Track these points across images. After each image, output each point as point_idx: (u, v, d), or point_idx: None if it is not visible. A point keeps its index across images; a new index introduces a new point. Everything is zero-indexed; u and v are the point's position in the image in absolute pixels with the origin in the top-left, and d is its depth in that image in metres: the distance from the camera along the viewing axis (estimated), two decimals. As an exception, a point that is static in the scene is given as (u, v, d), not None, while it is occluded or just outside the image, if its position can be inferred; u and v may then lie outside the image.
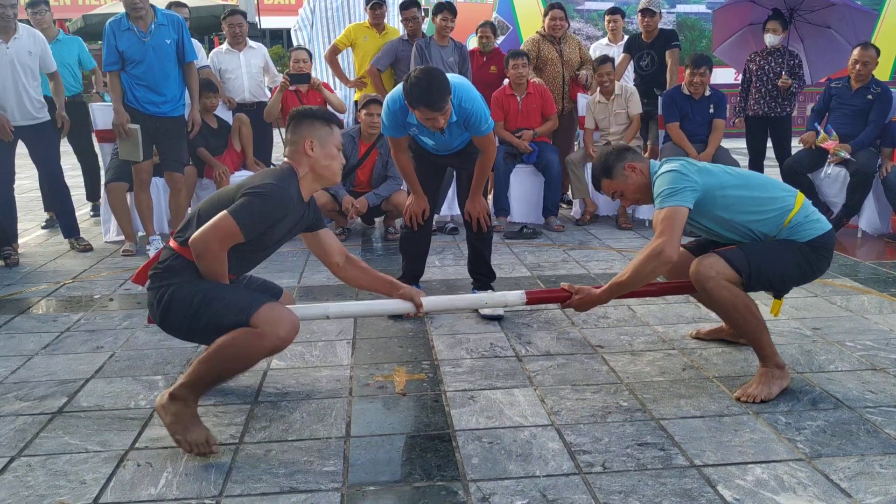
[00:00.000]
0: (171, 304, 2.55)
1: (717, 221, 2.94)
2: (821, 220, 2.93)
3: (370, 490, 2.25)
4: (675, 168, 2.90)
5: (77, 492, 2.27)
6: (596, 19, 14.80)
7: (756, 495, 2.17)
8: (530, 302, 3.14)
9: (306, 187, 2.73)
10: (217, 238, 2.50)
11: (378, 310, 3.19)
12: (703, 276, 2.82)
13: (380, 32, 6.68)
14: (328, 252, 2.94)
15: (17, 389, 3.07)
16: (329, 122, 2.73)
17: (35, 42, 5.44)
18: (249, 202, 2.50)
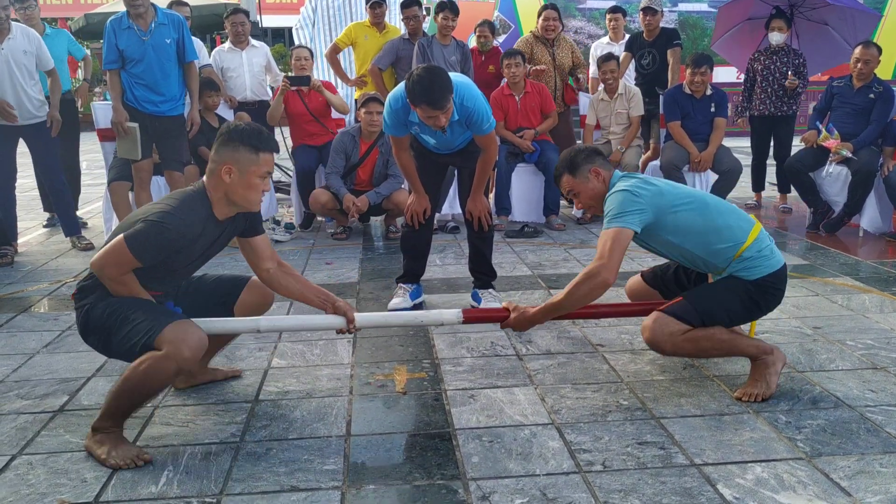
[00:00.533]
0: (87, 325, 2.57)
1: (666, 245, 2.91)
2: (772, 257, 2.87)
3: (370, 489, 2.25)
4: (627, 188, 2.85)
5: (78, 490, 2.28)
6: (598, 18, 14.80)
7: (756, 494, 2.17)
8: (467, 321, 2.99)
9: (220, 209, 2.62)
10: (111, 263, 2.47)
11: (309, 325, 3.07)
12: (659, 342, 2.80)
13: (380, 31, 6.68)
14: (260, 258, 2.82)
15: (19, 388, 3.08)
16: (257, 150, 2.55)
17: (30, 41, 5.44)
18: (143, 231, 2.44)
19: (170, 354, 2.38)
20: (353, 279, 4.71)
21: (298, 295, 2.89)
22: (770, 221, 6.44)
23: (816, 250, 5.31)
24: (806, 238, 5.73)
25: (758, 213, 6.78)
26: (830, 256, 5.10)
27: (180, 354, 2.39)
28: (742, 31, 7.25)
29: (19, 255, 5.52)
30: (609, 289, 2.81)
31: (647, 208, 2.81)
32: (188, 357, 2.42)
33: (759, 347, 2.86)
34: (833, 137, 5.77)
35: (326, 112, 6.29)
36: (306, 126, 6.24)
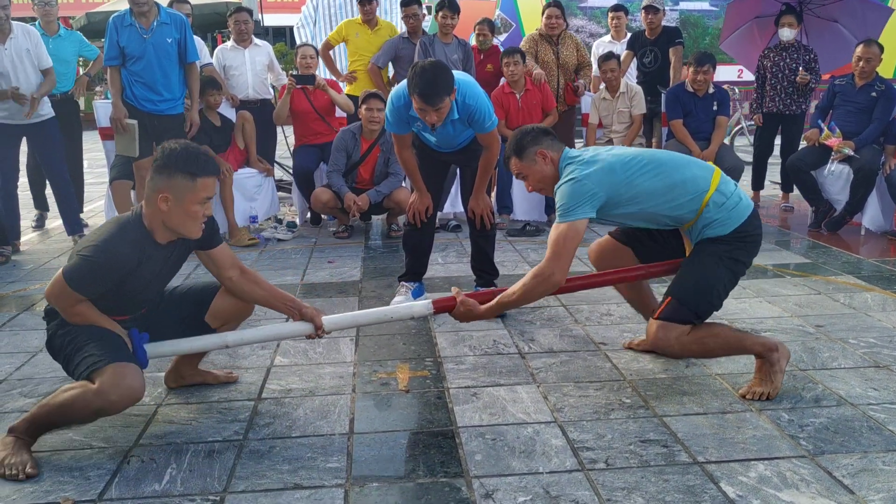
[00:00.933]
0: (52, 347, 2.59)
1: (628, 216, 2.89)
2: (740, 203, 2.83)
3: (374, 486, 2.26)
4: (575, 177, 2.80)
5: (82, 487, 2.28)
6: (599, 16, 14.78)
7: (759, 492, 2.18)
8: (438, 311, 2.97)
9: (162, 236, 2.53)
10: (56, 295, 2.45)
11: (277, 335, 3.02)
12: (666, 348, 2.84)
13: (371, 28, 6.68)
14: (220, 266, 2.73)
15: (22, 386, 3.08)
16: (193, 175, 2.42)
17: (30, 39, 5.44)
18: (79, 266, 2.40)
19: (98, 391, 2.35)
20: (356, 278, 4.71)
21: (263, 301, 2.82)
22: (772, 220, 6.44)
23: (818, 249, 5.30)
24: (808, 237, 5.72)
25: (770, 209, 6.78)
26: (832, 255, 5.10)
27: (107, 396, 2.34)
28: (750, 29, 7.22)
29: (21, 254, 5.52)
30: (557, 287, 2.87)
31: (599, 191, 2.77)
32: (114, 400, 2.36)
33: (765, 344, 2.84)
34: (835, 136, 5.77)
35: (331, 110, 6.29)
36: (311, 124, 6.24)
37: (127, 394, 2.38)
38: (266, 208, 6.31)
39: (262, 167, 6.25)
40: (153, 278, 2.62)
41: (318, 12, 9.34)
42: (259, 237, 5.82)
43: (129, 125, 5.16)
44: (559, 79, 6.60)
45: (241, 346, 3.16)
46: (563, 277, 2.79)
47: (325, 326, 2.79)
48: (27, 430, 2.45)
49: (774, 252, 5.18)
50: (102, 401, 2.35)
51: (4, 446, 2.43)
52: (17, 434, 2.45)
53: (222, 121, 6.02)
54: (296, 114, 6.23)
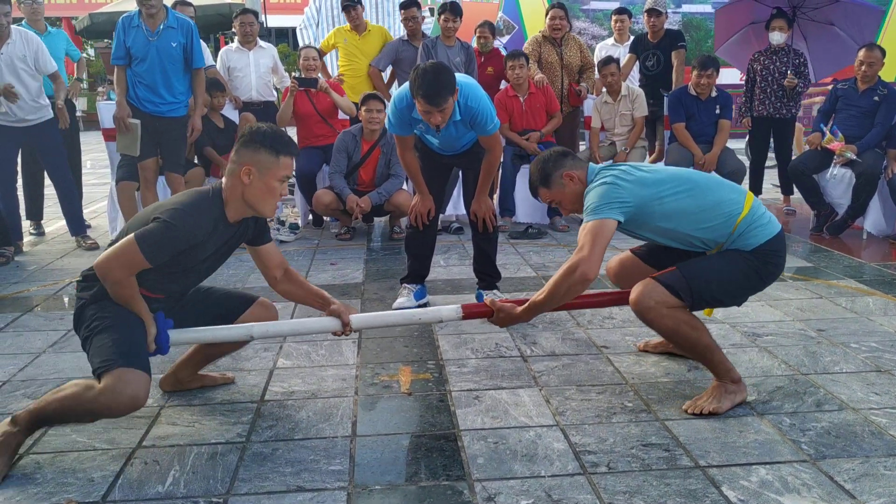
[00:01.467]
0: (79, 319, 2.59)
1: (658, 232, 2.81)
2: (769, 224, 2.78)
3: (376, 489, 2.26)
4: (606, 181, 2.77)
5: (85, 489, 2.29)
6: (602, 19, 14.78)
7: (760, 496, 2.18)
8: (466, 316, 2.94)
9: (233, 211, 2.59)
10: (119, 263, 2.44)
11: (303, 329, 3.04)
12: (643, 305, 2.70)
13: (360, 33, 6.70)
14: (267, 266, 2.82)
15: (25, 387, 3.09)
16: (277, 152, 2.52)
17: (29, 45, 5.44)
18: (156, 229, 2.42)
19: (101, 392, 2.35)
20: (358, 280, 4.72)
21: (301, 299, 2.90)
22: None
23: (820, 252, 5.31)
24: (810, 240, 5.73)
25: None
26: (834, 259, 5.10)
27: (107, 402, 2.35)
28: (746, 35, 7.24)
29: (24, 255, 5.54)
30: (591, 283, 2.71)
31: (630, 199, 2.72)
32: (113, 407, 2.37)
33: (729, 371, 2.77)
34: (837, 140, 5.77)
35: (334, 113, 6.30)
36: (314, 127, 6.25)
37: (127, 402, 2.38)
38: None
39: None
40: (208, 259, 2.65)
41: (321, 14, 9.35)
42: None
43: (132, 124, 5.19)
44: (563, 79, 6.61)
45: (266, 337, 3.12)
46: (592, 271, 2.63)
47: (352, 324, 2.80)
48: (28, 421, 2.44)
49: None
50: (102, 406, 2.36)
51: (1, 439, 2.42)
52: (17, 423, 2.43)
53: (225, 122, 6.04)
54: (298, 116, 6.25)
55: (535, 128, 6.26)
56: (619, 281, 3.21)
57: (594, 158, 6.46)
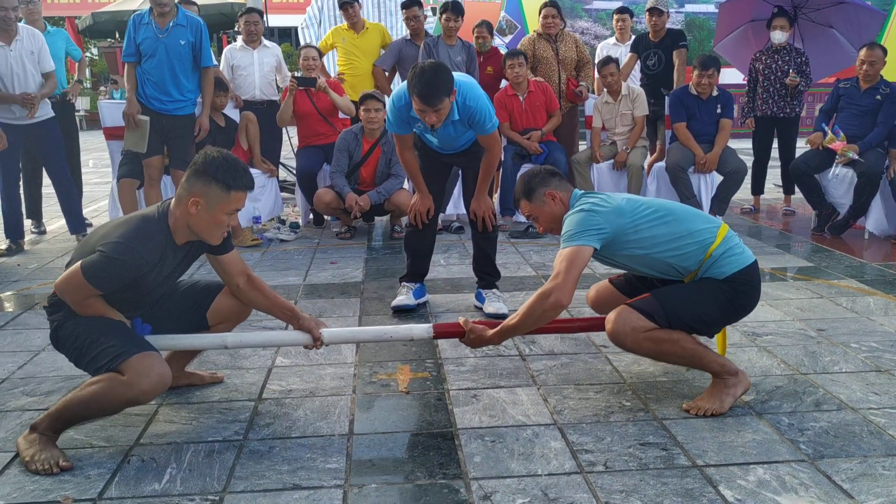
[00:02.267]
0: (58, 340, 2.59)
1: (633, 259, 2.84)
2: (742, 254, 2.80)
3: (372, 487, 2.26)
4: (584, 208, 2.80)
5: (82, 486, 2.29)
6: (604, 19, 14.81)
7: (758, 496, 2.17)
8: (437, 336, 2.95)
9: (181, 236, 2.57)
10: (71, 290, 2.45)
11: (275, 341, 3.01)
12: (620, 335, 2.72)
13: (357, 32, 6.70)
14: (229, 273, 2.77)
15: (24, 385, 3.09)
16: (229, 187, 2.46)
17: (34, 41, 5.49)
18: (99, 262, 2.40)
19: (129, 382, 2.38)
20: (358, 279, 4.71)
21: (266, 309, 2.85)
22: (774, 223, 6.43)
23: (821, 252, 5.30)
24: (811, 240, 5.72)
25: (756, 217, 6.77)
26: (835, 258, 5.09)
27: (139, 385, 2.38)
28: (746, 33, 7.23)
29: (25, 254, 5.54)
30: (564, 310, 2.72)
31: (606, 227, 2.75)
32: (145, 390, 2.40)
33: (724, 366, 2.76)
34: (839, 139, 5.76)
35: (335, 111, 6.30)
36: (315, 126, 6.25)
37: (157, 381, 2.43)
38: (269, 209, 6.33)
39: (265, 168, 6.27)
40: (164, 279, 2.65)
41: (323, 13, 9.35)
42: (262, 238, 5.83)
43: (142, 121, 5.23)
44: (560, 75, 6.60)
45: (239, 348, 3.19)
46: (565, 297, 2.65)
47: (323, 339, 2.79)
48: (51, 425, 2.45)
49: (777, 255, 5.17)
50: (135, 391, 2.38)
51: (30, 444, 2.43)
52: (40, 431, 2.45)
53: (226, 122, 6.04)
54: (299, 115, 6.24)
55: (535, 126, 6.25)
56: (596, 308, 3.25)
57: (595, 158, 6.45)
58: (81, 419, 2.54)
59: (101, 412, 2.53)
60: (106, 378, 2.41)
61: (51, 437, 2.46)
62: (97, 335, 2.48)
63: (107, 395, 2.40)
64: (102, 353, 2.44)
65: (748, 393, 2.87)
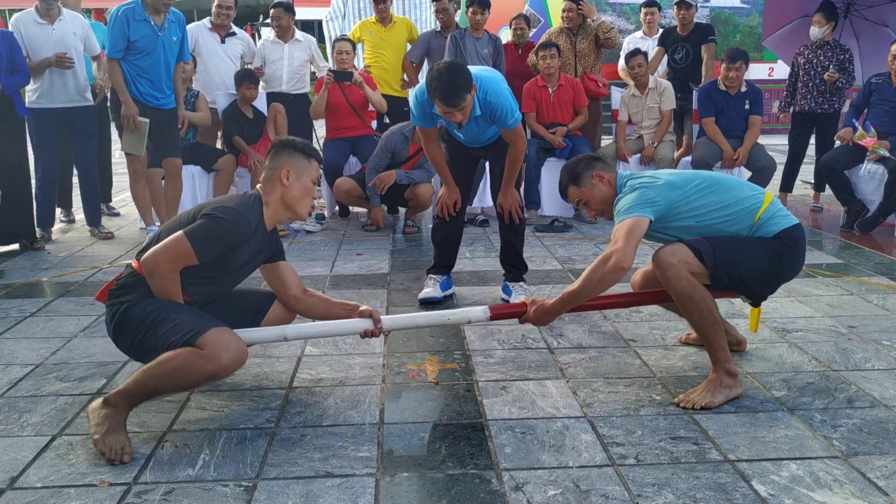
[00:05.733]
0: (123, 323, 2.58)
1: (685, 230, 2.86)
2: (788, 216, 2.89)
3: (404, 476, 2.27)
4: (637, 185, 2.86)
5: (117, 471, 2.32)
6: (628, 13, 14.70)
7: (791, 491, 2.16)
8: (494, 317, 2.97)
9: (271, 216, 2.71)
10: (169, 257, 2.50)
11: (335, 330, 3.01)
12: (665, 262, 2.73)
13: (385, 26, 6.71)
14: (286, 284, 2.88)
15: (58, 370, 3.13)
16: (309, 156, 2.73)
17: (79, 24, 5.57)
18: (205, 224, 2.51)
19: (209, 356, 2.41)
20: (384, 270, 4.73)
21: (325, 313, 2.91)
22: (802, 220, 6.37)
23: (851, 249, 5.24)
24: (840, 237, 5.66)
25: (802, 208, 6.72)
26: (865, 256, 5.03)
27: (220, 359, 2.42)
28: (796, 28, 7.11)
29: (54, 242, 5.61)
30: (625, 273, 2.71)
31: (660, 200, 2.80)
32: (226, 364, 2.44)
33: (728, 362, 2.77)
34: (870, 135, 5.69)
35: (365, 105, 6.30)
36: (344, 119, 6.24)
37: (237, 355, 2.47)
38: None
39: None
40: (240, 267, 2.72)
41: (348, 6, 9.37)
42: (288, 228, 5.86)
43: (142, 123, 5.15)
44: (577, 68, 6.57)
45: (299, 339, 3.15)
46: (626, 260, 2.66)
47: (382, 324, 2.84)
48: (126, 400, 2.45)
49: (806, 252, 5.11)
50: (216, 365, 2.42)
51: (102, 420, 2.42)
52: (112, 404, 2.44)
53: (255, 113, 6.08)
54: (329, 107, 6.23)
55: (561, 121, 6.23)
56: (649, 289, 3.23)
57: (621, 154, 6.42)
58: (157, 394, 2.55)
59: (178, 387, 2.54)
60: (185, 352, 2.42)
61: (123, 413, 2.45)
62: (170, 312, 2.51)
63: (187, 368, 2.41)
64: (176, 328, 2.46)
65: (779, 388, 2.86)
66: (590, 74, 6.61)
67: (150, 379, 2.44)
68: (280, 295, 2.91)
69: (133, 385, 2.45)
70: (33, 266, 4.91)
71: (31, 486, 2.24)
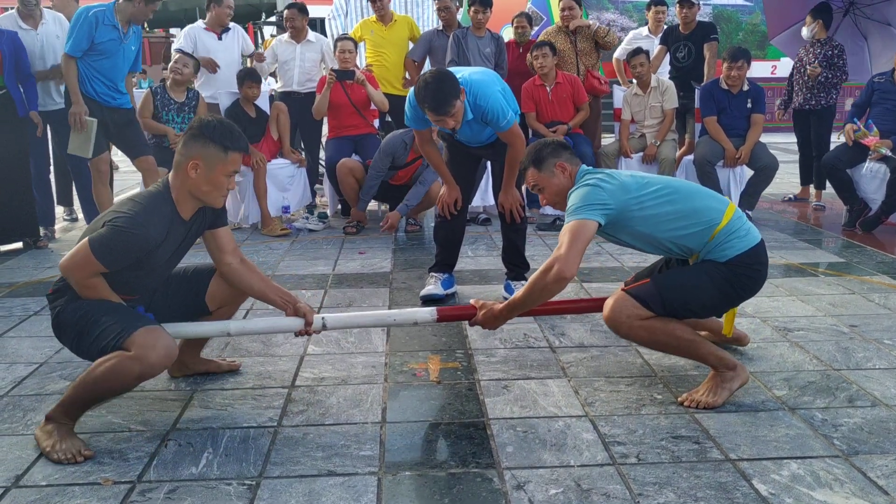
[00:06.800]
0: (59, 325, 2.57)
1: (635, 236, 2.80)
2: (747, 236, 2.75)
3: (406, 475, 2.28)
4: (590, 183, 2.77)
5: (121, 469, 2.33)
6: (631, 11, 14.70)
7: (792, 490, 2.17)
8: (441, 319, 2.94)
9: (185, 207, 2.57)
10: (76, 266, 2.45)
11: (273, 328, 2.98)
12: (614, 321, 2.71)
13: (385, 24, 6.71)
14: (222, 251, 2.75)
15: (62, 369, 3.15)
16: (226, 148, 2.50)
17: (61, 27, 5.58)
18: (108, 236, 2.41)
19: (137, 357, 2.37)
20: (386, 269, 4.74)
21: (259, 293, 2.81)
22: (804, 219, 6.38)
23: (853, 248, 5.24)
24: (842, 236, 5.66)
25: (804, 207, 6.73)
26: (867, 254, 5.04)
27: (147, 359, 2.37)
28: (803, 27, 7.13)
29: (57, 241, 5.62)
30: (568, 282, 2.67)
31: (612, 202, 2.71)
32: (154, 363, 2.39)
33: (722, 359, 2.74)
34: (871, 134, 5.69)
35: (367, 103, 6.30)
36: (347, 117, 6.24)
37: (164, 353, 2.42)
38: (298, 199, 6.37)
39: (294, 158, 6.31)
40: (170, 256, 2.65)
41: (350, 4, 9.36)
42: (291, 227, 5.88)
43: (88, 122, 5.06)
44: (578, 67, 6.57)
45: (241, 335, 3.19)
46: (569, 269, 2.60)
47: (327, 324, 2.82)
48: (66, 412, 2.45)
49: (808, 251, 5.13)
50: (144, 365, 2.37)
51: (48, 435, 2.43)
52: (55, 420, 2.45)
53: (257, 112, 6.09)
54: (332, 106, 6.24)
55: (562, 119, 6.23)
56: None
57: (625, 151, 6.42)
58: (95, 402, 2.53)
59: (112, 391, 2.50)
60: (113, 356, 2.39)
61: (68, 424, 2.45)
62: (99, 315, 2.47)
63: (116, 372, 2.37)
64: (105, 332, 2.43)
65: (780, 387, 2.87)
66: (592, 72, 6.61)
67: (82, 388, 2.42)
68: (215, 261, 2.79)
69: (69, 398, 2.44)
70: (37, 265, 4.93)
71: (35, 484, 2.25)
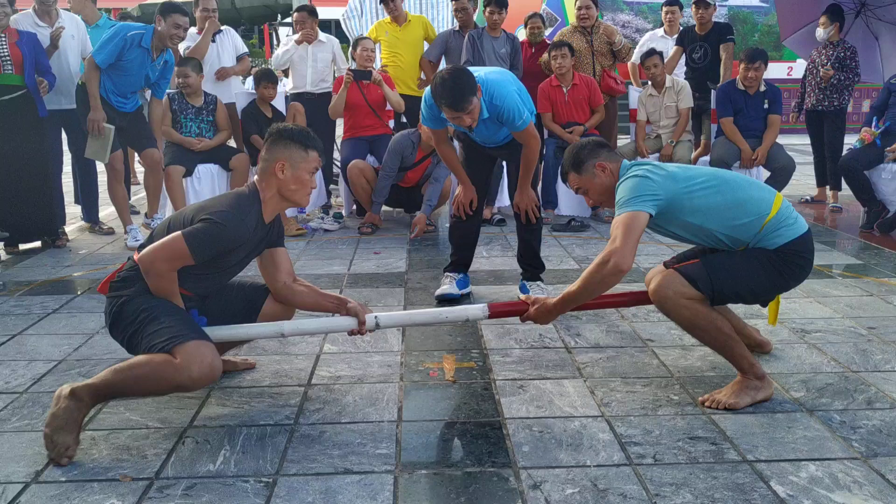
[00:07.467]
0: (119, 316, 2.59)
1: (686, 228, 2.79)
2: (795, 224, 2.74)
3: (422, 473, 2.29)
4: (638, 174, 2.75)
5: (139, 466, 2.35)
6: (646, 12, 14.64)
7: (810, 492, 2.16)
8: (493, 315, 2.96)
9: (270, 209, 2.70)
10: (165, 257, 2.51)
11: (326, 328, 3.03)
12: (660, 295, 2.70)
13: (400, 25, 6.72)
14: (278, 269, 2.85)
15: (80, 366, 3.17)
16: (306, 147, 2.66)
17: (77, 27, 5.66)
18: (204, 229, 2.50)
19: (180, 366, 2.40)
20: (402, 269, 4.75)
21: (313, 305, 2.91)
22: (821, 220, 6.33)
23: (870, 250, 5.21)
24: (859, 237, 5.62)
25: (821, 209, 6.71)
26: (885, 256, 5.00)
27: (189, 371, 2.40)
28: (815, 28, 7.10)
29: (73, 241, 5.66)
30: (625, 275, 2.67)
31: (661, 192, 2.70)
32: (195, 377, 2.42)
33: (753, 366, 2.74)
34: (874, 128, 5.74)
35: (383, 104, 6.32)
36: (363, 118, 6.26)
37: (208, 371, 2.45)
38: (314, 199, 6.37)
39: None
40: (242, 259, 2.74)
41: (365, 4, 9.38)
42: (306, 227, 5.90)
43: (106, 129, 5.14)
44: (595, 66, 6.55)
45: (296, 335, 3.22)
46: (625, 262, 2.59)
47: (380, 323, 2.87)
48: (92, 396, 2.44)
49: (825, 252, 5.09)
50: (184, 376, 2.40)
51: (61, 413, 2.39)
52: (77, 398, 2.42)
53: (274, 112, 6.11)
54: (348, 106, 6.25)
55: (578, 121, 6.21)
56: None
57: (641, 152, 6.40)
58: (124, 395, 2.55)
59: (146, 392, 2.53)
60: (159, 358, 2.42)
61: (85, 409, 2.44)
62: (160, 314, 2.52)
63: (157, 374, 2.41)
64: (161, 332, 2.47)
65: (798, 389, 2.85)
66: (609, 72, 6.59)
67: (120, 380, 2.44)
68: (270, 279, 2.87)
69: (102, 382, 2.44)
70: (55, 263, 4.97)
71: (55, 479, 2.27)
